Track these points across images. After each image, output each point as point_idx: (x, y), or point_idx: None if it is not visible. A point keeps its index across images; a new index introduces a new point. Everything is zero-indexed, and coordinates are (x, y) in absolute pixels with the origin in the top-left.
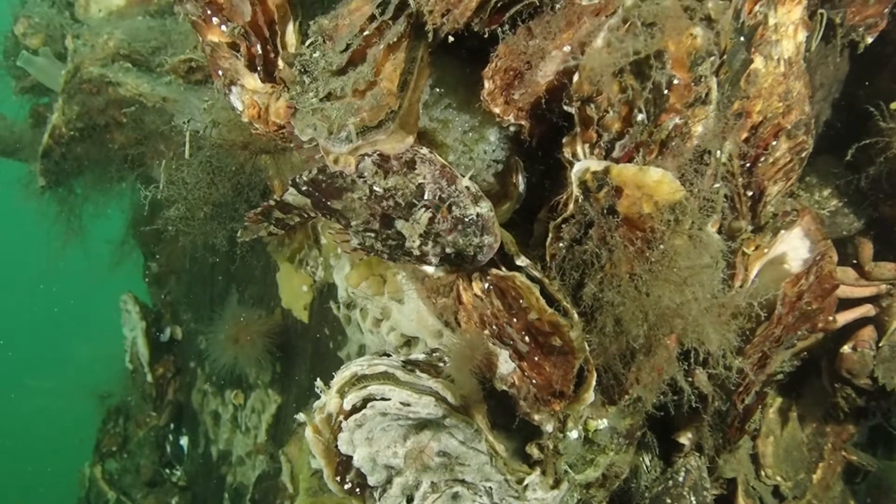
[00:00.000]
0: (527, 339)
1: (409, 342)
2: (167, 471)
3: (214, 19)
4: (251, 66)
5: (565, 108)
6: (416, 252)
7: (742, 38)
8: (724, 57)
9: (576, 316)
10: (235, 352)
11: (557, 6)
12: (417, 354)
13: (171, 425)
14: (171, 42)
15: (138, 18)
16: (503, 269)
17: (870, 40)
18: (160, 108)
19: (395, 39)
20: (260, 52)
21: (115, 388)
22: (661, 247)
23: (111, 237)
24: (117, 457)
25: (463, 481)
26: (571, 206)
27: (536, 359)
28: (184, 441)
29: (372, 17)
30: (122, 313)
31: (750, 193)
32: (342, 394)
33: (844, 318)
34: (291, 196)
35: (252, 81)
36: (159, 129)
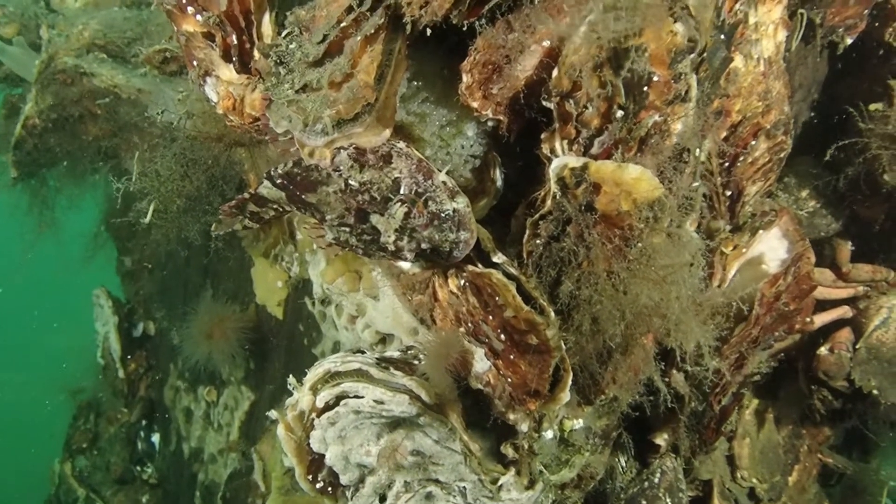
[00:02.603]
0: (502, 337)
1: (385, 339)
2: (138, 468)
3: (189, 8)
4: (226, 57)
5: (544, 103)
6: (392, 247)
7: (722, 37)
8: (705, 55)
9: (552, 314)
10: (209, 347)
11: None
12: (392, 352)
13: (143, 422)
14: (148, 33)
15: (115, 9)
16: (479, 265)
17: (849, 41)
18: (135, 100)
19: (373, 31)
20: (235, 42)
21: (86, 384)
22: (640, 245)
23: (85, 230)
24: (87, 453)
25: (437, 481)
26: (549, 202)
27: (512, 357)
28: (155, 438)
29: (350, 9)
30: (95, 308)
31: (728, 193)
32: (315, 391)
33: (822, 319)
34: (266, 189)
35: (227, 72)
36: (134, 120)
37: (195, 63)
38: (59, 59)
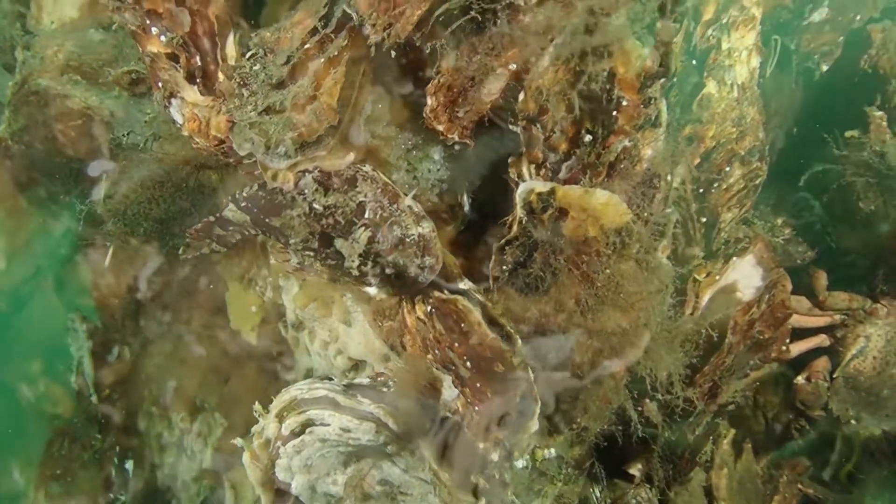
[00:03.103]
0: (468, 364)
1: (358, 365)
2: (111, 495)
3: (153, 29)
4: (190, 79)
5: (511, 127)
6: (356, 272)
7: (694, 62)
8: (675, 80)
9: (519, 342)
10: (183, 373)
11: (500, 23)
12: (361, 379)
13: (117, 448)
14: (123, 55)
15: (90, 30)
16: (445, 291)
17: (825, 68)
18: (108, 122)
19: (336, 53)
20: (199, 63)
21: (60, 409)
22: (607, 271)
23: (60, 252)
24: (61, 480)
25: None
26: (515, 227)
27: (478, 385)
28: (129, 465)
29: (314, 31)
30: (70, 332)
31: (704, 219)
32: (281, 418)
33: (798, 348)
34: (231, 212)
35: (192, 94)
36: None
37: (160, 84)
38: (33, 80)
